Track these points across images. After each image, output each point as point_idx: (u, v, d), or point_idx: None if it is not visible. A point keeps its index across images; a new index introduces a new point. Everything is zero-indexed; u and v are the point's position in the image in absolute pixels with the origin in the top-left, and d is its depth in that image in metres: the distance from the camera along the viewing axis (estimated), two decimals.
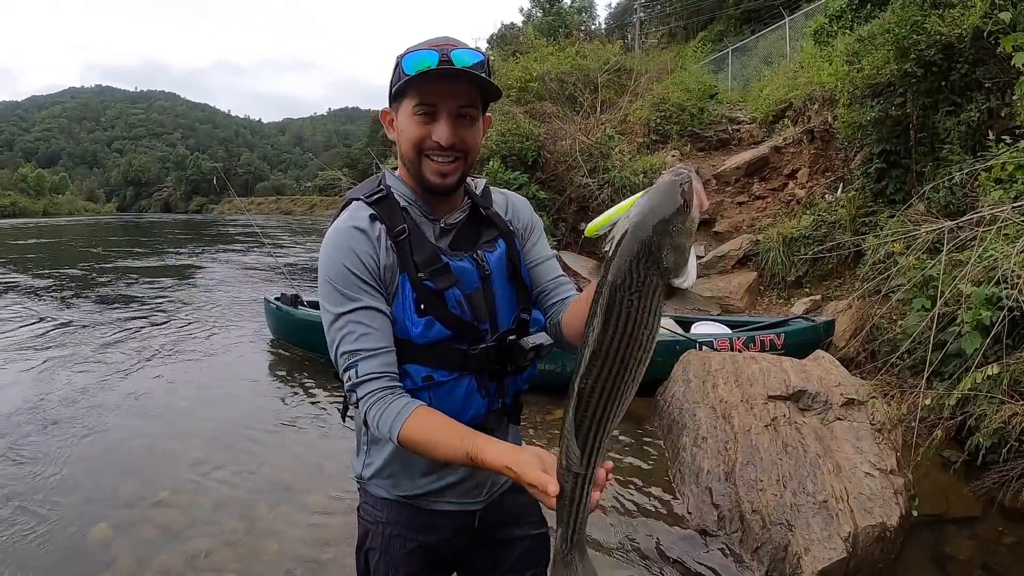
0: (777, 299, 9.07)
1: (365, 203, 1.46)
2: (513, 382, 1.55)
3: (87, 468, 4.61)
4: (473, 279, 1.46)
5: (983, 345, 4.37)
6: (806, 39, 13.76)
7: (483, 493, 1.58)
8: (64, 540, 3.68)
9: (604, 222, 1.18)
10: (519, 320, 1.52)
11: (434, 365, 1.43)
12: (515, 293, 1.54)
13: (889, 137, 7.51)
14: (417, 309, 1.40)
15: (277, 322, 8.00)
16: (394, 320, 1.41)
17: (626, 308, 1.03)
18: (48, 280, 14.37)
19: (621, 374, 1.06)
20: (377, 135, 61.57)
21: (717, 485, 3.85)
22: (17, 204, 75.10)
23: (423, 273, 1.40)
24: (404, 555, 1.59)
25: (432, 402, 1.41)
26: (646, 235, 1.01)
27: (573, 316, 1.46)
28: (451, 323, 1.41)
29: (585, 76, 13.77)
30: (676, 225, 1.02)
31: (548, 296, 1.60)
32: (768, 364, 4.75)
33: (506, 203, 1.64)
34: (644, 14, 32.93)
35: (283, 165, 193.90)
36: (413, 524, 1.58)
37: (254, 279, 14.80)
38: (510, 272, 1.53)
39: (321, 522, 3.90)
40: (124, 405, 5.91)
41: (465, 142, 1.41)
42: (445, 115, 1.37)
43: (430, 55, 1.32)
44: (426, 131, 1.38)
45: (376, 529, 1.61)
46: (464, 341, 1.44)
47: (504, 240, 1.54)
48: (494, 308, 1.49)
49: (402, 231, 1.42)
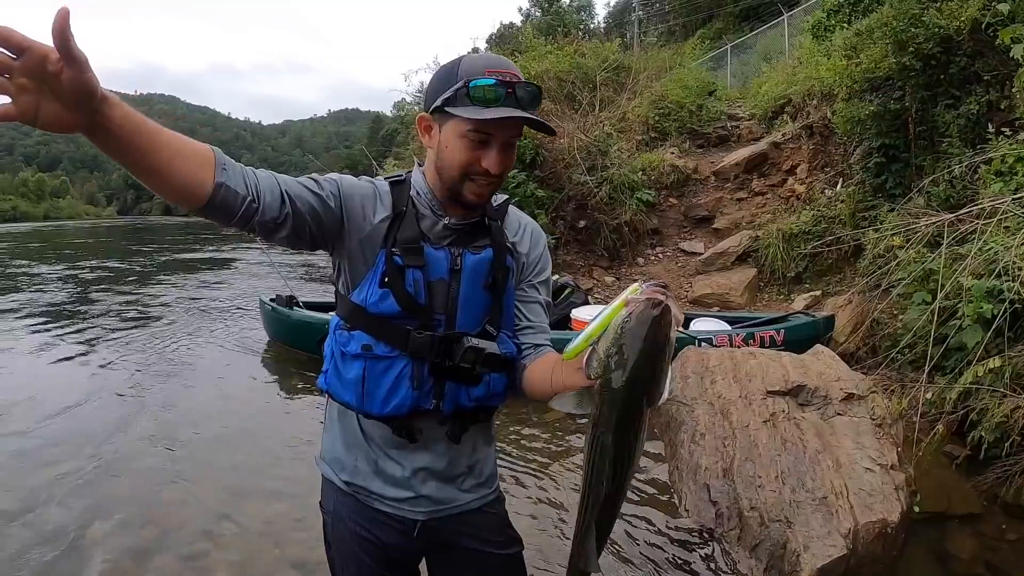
0: (777, 295, 9.03)
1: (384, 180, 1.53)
2: (456, 390, 1.51)
3: (82, 469, 4.57)
4: (441, 269, 1.47)
5: (984, 338, 4.34)
6: (805, 35, 13.72)
7: (427, 505, 1.57)
8: (59, 540, 3.63)
9: (583, 345, 1.19)
10: (483, 331, 1.51)
11: (377, 336, 1.45)
12: (487, 303, 1.52)
13: (888, 131, 7.49)
14: (381, 280, 1.43)
15: (273, 323, 7.95)
16: (360, 291, 1.46)
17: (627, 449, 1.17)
18: (46, 282, 14.35)
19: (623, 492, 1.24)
20: (377, 136, 61.70)
21: (715, 482, 3.80)
22: (18, 208, 75.23)
23: (397, 249, 1.44)
24: (353, 547, 1.61)
25: (366, 374, 1.46)
26: (637, 389, 1.12)
27: (539, 379, 1.46)
28: (403, 300, 1.43)
29: (584, 75, 13.72)
30: (660, 364, 1.11)
31: (524, 334, 1.60)
32: (767, 359, 4.70)
33: (520, 226, 1.63)
34: (643, 12, 32.96)
35: (284, 167, 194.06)
36: (358, 517, 1.59)
37: (251, 280, 14.77)
38: (487, 281, 1.51)
39: (315, 522, 3.86)
40: (119, 408, 5.86)
41: (509, 167, 1.45)
42: (498, 145, 1.39)
43: (496, 88, 1.34)
44: (476, 156, 1.39)
45: (328, 520, 1.66)
46: (413, 323, 1.45)
47: (493, 250, 1.52)
48: (456, 305, 1.49)
49: (402, 212, 1.47)
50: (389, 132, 48.83)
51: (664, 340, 1.10)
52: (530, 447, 5.00)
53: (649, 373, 1.11)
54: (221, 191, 1.20)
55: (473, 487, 1.63)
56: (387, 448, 1.55)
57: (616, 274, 10.68)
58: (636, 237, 11.01)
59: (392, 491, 1.55)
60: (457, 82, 1.36)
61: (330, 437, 1.64)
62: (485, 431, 1.65)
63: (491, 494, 1.68)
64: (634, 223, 10.87)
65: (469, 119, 1.34)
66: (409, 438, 1.51)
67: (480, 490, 1.64)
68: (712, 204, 11.32)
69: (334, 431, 1.62)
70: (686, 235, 11.24)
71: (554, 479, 4.47)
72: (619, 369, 1.10)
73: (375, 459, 1.55)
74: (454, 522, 1.61)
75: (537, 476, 4.52)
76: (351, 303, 1.47)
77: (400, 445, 1.53)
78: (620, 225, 10.74)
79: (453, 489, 1.59)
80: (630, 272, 10.64)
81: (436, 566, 1.71)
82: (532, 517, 3.89)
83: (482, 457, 1.64)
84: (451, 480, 1.59)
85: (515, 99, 1.35)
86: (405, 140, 21.56)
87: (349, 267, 1.49)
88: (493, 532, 1.67)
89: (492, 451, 1.70)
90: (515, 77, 1.37)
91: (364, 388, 1.46)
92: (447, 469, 1.57)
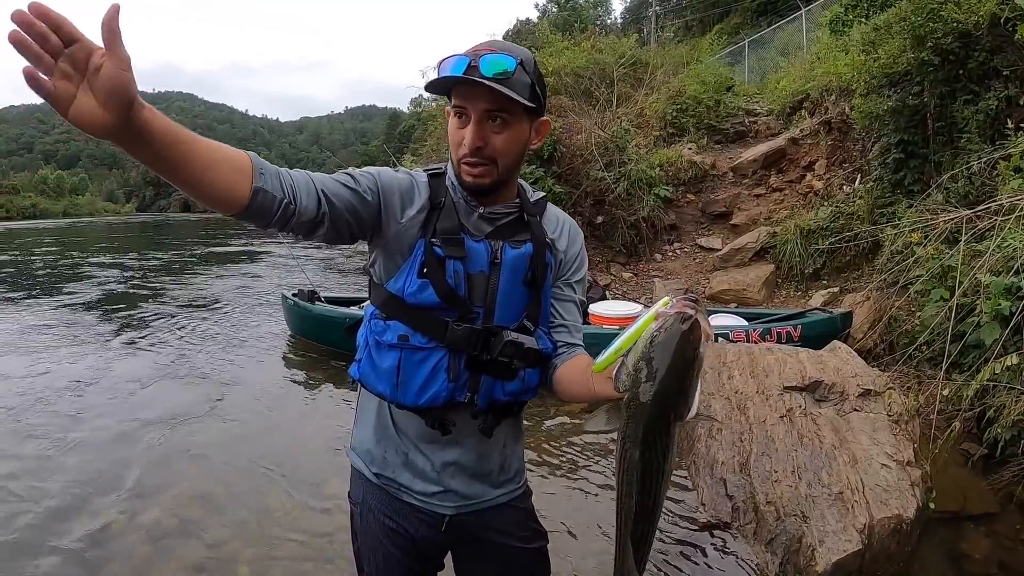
0: (795, 292, 9.01)
1: (423, 172, 1.54)
2: (490, 383, 1.51)
3: (103, 458, 4.68)
4: (482, 262, 1.47)
5: (1002, 335, 4.33)
6: (822, 29, 13.63)
7: (455, 500, 1.58)
8: (82, 528, 3.73)
9: (612, 358, 1.20)
10: (521, 325, 1.51)
11: (414, 327, 1.45)
12: (525, 299, 1.52)
13: (907, 127, 7.45)
14: (419, 270, 1.43)
15: (295, 318, 8.04)
16: (398, 280, 1.46)
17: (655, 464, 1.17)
18: (72, 277, 14.53)
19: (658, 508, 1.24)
20: (395, 132, 61.77)
21: (732, 476, 3.84)
22: (38, 206, 75.72)
23: (436, 239, 1.44)
24: (380, 538, 1.61)
25: (401, 364, 1.46)
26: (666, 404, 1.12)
27: (572, 380, 1.48)
28: (443, 291, 1.43)
29: (601, 70, 13.70)
30: (689, 379, 1.11)
31: (557, 332, 1.61)
32: (784, 355, 4.72)
33: (558, 223, 1.64)
34: (660, 7, 32.83)
35: (301, 163, 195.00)
36: (387, 509, 1.60)
37: (273, 275, 14.89)
38: (527, 277, 1.51)
39: (337, 514, 3.93)
40: (140, 398, 5.98)
41: (493, 147, 1.41)
42: (474, 120, 1.39)
43: (461, 61, 1.35)
44: (461, 135, 1.41)
45: (356, 511, 1.67)
46: (452, 315, 1.45)
47: (534, 245, 1.52)
48: (495, 299, 1.48)
49: (440, 204, 1.48)
50: (406, 128, 48.89)
51: (693, 355, 1.10)
52: (554, 439, 5.04)
53: (677, 388, 1.11)
54: (259, 196, 1.20)
55: (502, 482, 1.64)
56: (418, 441, 1.55)
57: (634, 270, 10.69)
58: (654, 233, 11.02)
59: (421, 485, 1.56)
60: None
61: (361, 428, 1.65)
62: (515, 426, 1.66)
63: (518, 489, 1.69)
64: (652, 219, 10.87)
65: (452, 93, 1.40)
66: (442, 430, 1.51)
67: (508, 485, 1.65)
68: (730, 200, 11.30)
69: (365, 422, 1.63)
70: (704, 231, 11.23)
71: (579, 471, 4.52)
72: (647, 383, 1.11)
73: (405, 452, 1.56)
74: (481, 517, 1.61)
75: (562, 469, 4.56)
76: (387, 292, 1.47)
77: (431, 439, 1.54)
78: (638, 221, 10.75)
79: (482, 484, 1.60)
80: (647, 268, 10.65)
81: (462, 559, 1.71)
82: (557, 510, 3.91)
83: (511, 452, 1.65)
84: (480, 475, 1.59)
85: (476, 70, 1.34)
86: (422, 136, 21.55)
87: (385, 256, 1.49)
88: (519, 527, 1.68)
89: (520, 446, 1.71)
90: (486, 51, 1.37)
91: (399, 378, 1.46)
92: (477, 464, 1.57)
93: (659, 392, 1.11)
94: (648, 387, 1.11)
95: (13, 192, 75.57)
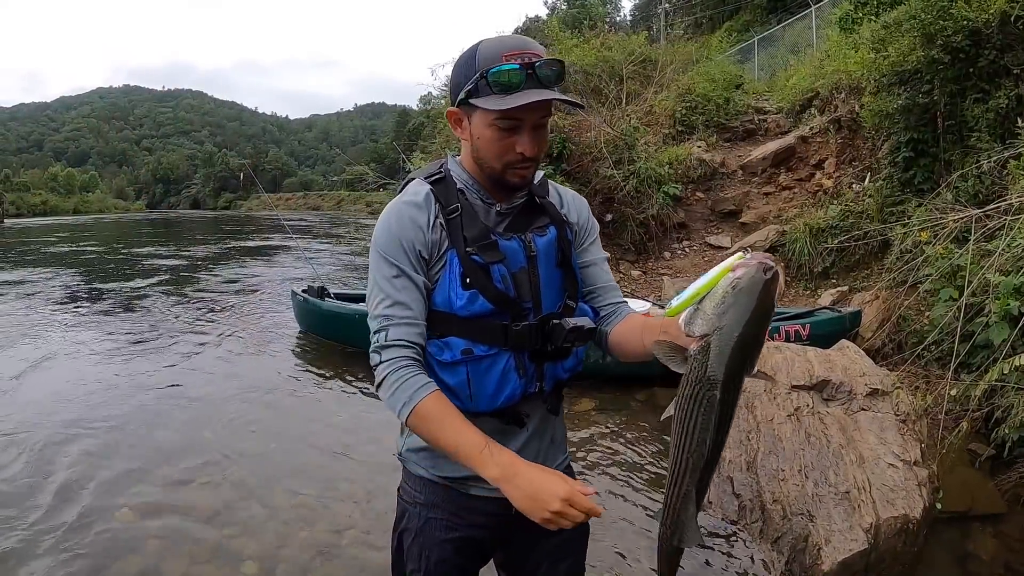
0: (804, 290, 8.99)
1: (424, 182, 1.51)
2: (553, 368, 1.55)
3: (115, 453, 4.72)
4: (519, 258, 1.49)
5: (1011, 335, 4.32)
6: (832, 27, 13.59)
7: None
8: (90, 523, 3.76)
9: (686, 303, 1.21)
10: (565, 306, 1.54)
11: (474, 338, 1.45)
12: (562, 279, 1.56)
13: (916, 125, 7.41)
14: (463, 282, 1.43)
15: (305, 314, 8.08)
16: (439, 294, 1.45)
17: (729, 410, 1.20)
18: (81, 274, 14.63)
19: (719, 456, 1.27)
20: (404, 130, 61.75)
21: (738, 475, 3.85)
22: (48, 203, 76.16)
23: (471, 248, 1.44)
24: (439, 540, 1.60)
25: (470, 377, 1.45)
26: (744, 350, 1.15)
27: (625, 340, 1.54)
28: (494, 297, 1.44)
29: (610, 68, 13.67)
30: (765, 328, 1.15)
31: (598, 298, 1.65)
32: (792, 354, 4.72)
33: (561, 198, 1.66)
34: (669, 5, 32.73)
35: (310, 161, 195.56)
36: (451, 508, 1.59)
37: (282, 272, 14.94)
38: (559, 259, 1.55)
39: (344, 510, 3.96)
40: (153, 394, 6.03)
41: (544, 146, 1.45)
42: (529, 127, 1.40)
43: (516, 72, 1.34)
44: (510, 143, 1.40)
45: (413, 511, 1.63)
46: (506, 317, 1.46)
47: (555, 227, 1.55)
48: (539, 290, 1.51)
49: (455, 209, 1.46)
50: (415, 126, 48.87)
51: (771, 304, 1.12)
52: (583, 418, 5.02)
53: (755, 335, 1.14)
54: None
55: (555, 452, 1.68)
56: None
57: (643, 268, 10.68)
58: (663, 231, 10.99)
59: None
60: (476, 72, 1.37)
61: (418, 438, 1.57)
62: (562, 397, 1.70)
63: (566, 459, 1.74)
64: (661, 217, 10.83)
65: (493, 109, 1.35)
66: (518, 424, 1.54)
67: (559, 455, 1.70)
68: (739, 198, 11.27)
69: None
70: (713, 229, 11.21)
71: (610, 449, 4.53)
72: (728, 328, 1.12)
73: None
74: None
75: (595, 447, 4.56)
76: (435, 311, 1.46)
77: (502, 432, 1.51)
78: (647, 219, 10.72)
79: (544, 457, 1.61)
80: (656, 266, 10.63)
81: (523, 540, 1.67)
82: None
83: (558, 421, 1.69)
84: (543, 450, 1.62)
85: (536, 79, 1.34)
86: (431, 134, 21.57)
87: None
88: None
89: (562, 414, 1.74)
90: (534, 56, 1.36)
91: (470, 390, 1.46)
92: (541, 440, 1.61)
93: (741, 336, 1.12)
94: (729, 332, 1.12)
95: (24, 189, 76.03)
